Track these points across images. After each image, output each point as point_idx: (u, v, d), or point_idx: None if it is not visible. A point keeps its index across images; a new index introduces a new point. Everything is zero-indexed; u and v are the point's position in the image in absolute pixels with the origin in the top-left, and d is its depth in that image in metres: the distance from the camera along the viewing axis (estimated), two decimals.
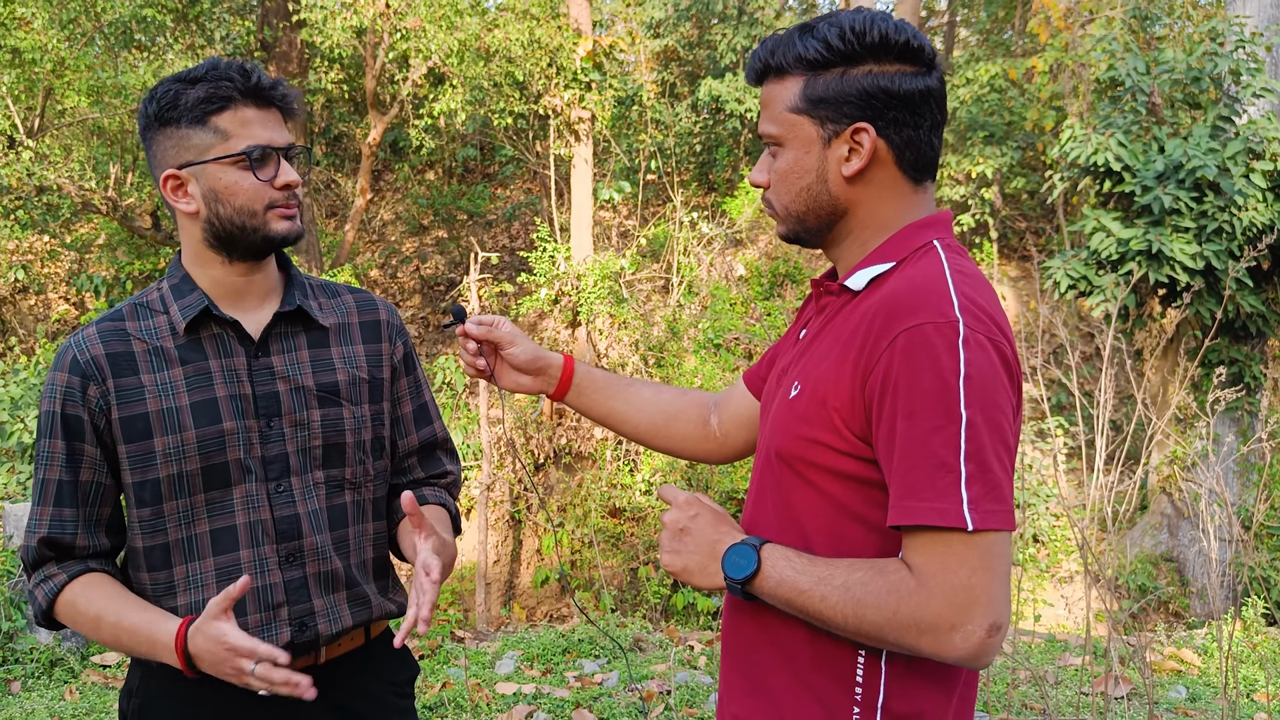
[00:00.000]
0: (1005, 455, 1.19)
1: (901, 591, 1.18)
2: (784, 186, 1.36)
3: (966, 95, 13.28)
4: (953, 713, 1.32)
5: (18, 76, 8.79)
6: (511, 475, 10.34)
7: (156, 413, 1.55)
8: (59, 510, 1.56)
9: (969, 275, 1.27)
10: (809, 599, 1.23)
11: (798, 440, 1.30)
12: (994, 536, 1.17)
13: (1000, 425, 1.19)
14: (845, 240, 1.37)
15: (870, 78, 1.29)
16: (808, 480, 1.30)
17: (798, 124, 1.32)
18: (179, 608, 1.56)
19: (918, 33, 1.32)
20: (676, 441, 1.72)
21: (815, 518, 1.30)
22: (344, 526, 1.66)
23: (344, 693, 1.66)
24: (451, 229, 14.95)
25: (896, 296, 1.24)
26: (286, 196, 1.56)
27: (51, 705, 4.14)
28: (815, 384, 1.29)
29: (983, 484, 1.16)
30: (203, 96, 1.51)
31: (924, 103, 1.31)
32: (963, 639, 1.15)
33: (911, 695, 1.28)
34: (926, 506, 1.16)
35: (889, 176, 1.33)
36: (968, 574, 1.15)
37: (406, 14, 9.23)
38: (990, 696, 4.00)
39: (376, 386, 1.71)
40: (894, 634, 1.18)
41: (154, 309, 1.61)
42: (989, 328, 1.21)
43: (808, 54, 1.30)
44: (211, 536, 1.57)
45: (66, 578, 1.56)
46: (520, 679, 4.38)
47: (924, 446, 1.17)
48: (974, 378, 1.17)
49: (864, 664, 1.28)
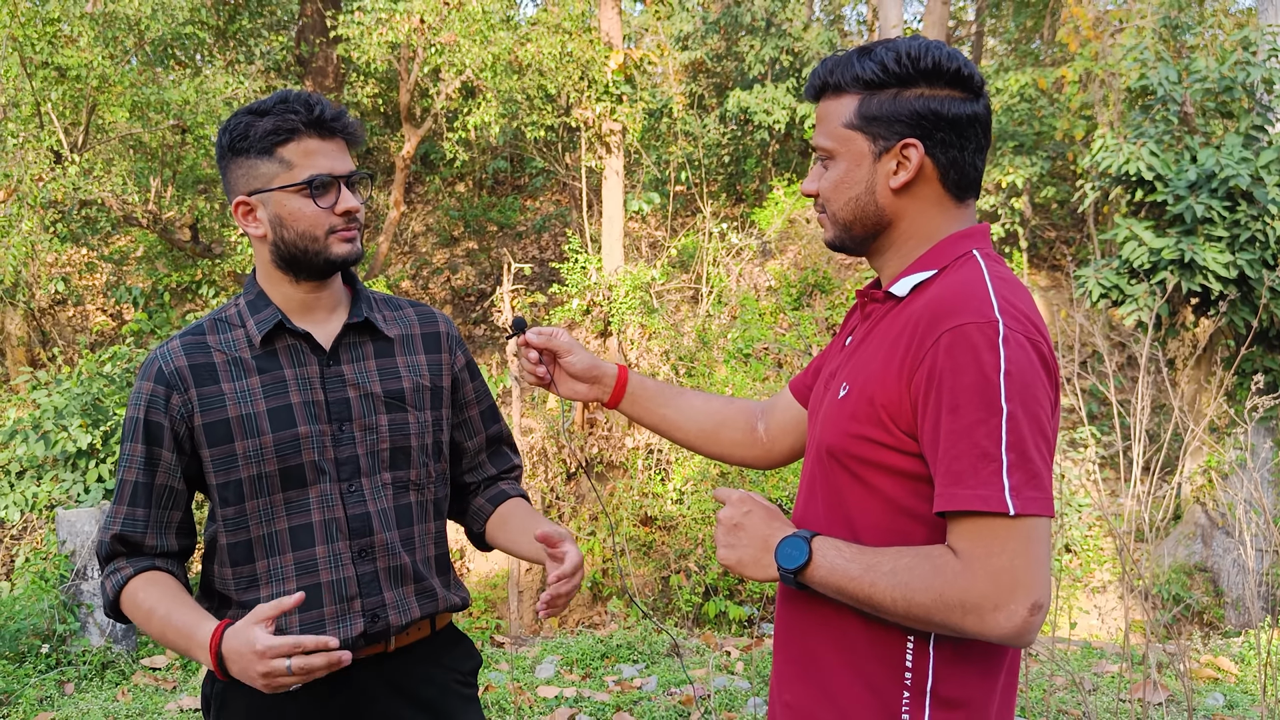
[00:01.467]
0: (1044, 446, 1.26)
1: (947, 574, 1.25)
2: (835, 196, 1.44)
3: (996, 105, 13.30)
4: (998, 699, 1.39)
5: (63, 93, 8.99)
6: (544, 484, 10.43)
7: (236, 418, 1.66)
8: (133, 510, 1.67)
9: (1008, 281, 1.35)
10: (859, 585, 1.30)
11: (848, 437, 1.37)
12: (1034, 522, 1.24)
13: (1039, 418, 1.26)
14: (889, 250, 1.46)
15: (922, 100, 1.38)
16: (857, 476, 1.37)
17: (851, 139, 1.41)
18: (261, 599, 1.67)
19: (969, 62, 1.40)
20: (726, 447, 1.80)
21: (864, 512, 1.37)
22: (410, 525, 1.75)
23: (411, 680, 1.75)
24: (482, 240, 15.09)
25: (940, 299, 1.32)
26: (346, 221, 1.67)
27: (105, 706, 4.25)
28: (864, 383, 1.37)
29: (1023, 472, 1.23)
30: (270, 129, 1.62)
31: (970, 126, 1.40)
32: (1006, 618, 1.22)
33: (958, 681, 1.34)
34: (970, 493, 1.24)
35: (933, 192, 1.42)
36: (1010, 557, 1.22)
37: (441, 29, 9.37)
38: (1028, 702, 4.03)
39: (438, 394, 1.81)
40: (941, 615, 1.25)
41: (232, 323, 1.72)
42: (1028, 328, 1.29)
43: (865, 74, 1.39)
44: (290, 533, 1.68)
45: (133, 572, 1.67)
46: (560, 683, 4.45)
47: (967, 438, 1.24)
48: (1014, 374, 1.24)
49: (913, 650, 1.34)
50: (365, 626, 1.69)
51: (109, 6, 8.87)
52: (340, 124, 1.67)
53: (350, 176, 1.68)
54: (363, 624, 1.69)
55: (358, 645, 1.69)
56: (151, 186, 10.17)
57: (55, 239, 9.67)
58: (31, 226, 8.60)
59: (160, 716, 4.16)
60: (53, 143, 9.11)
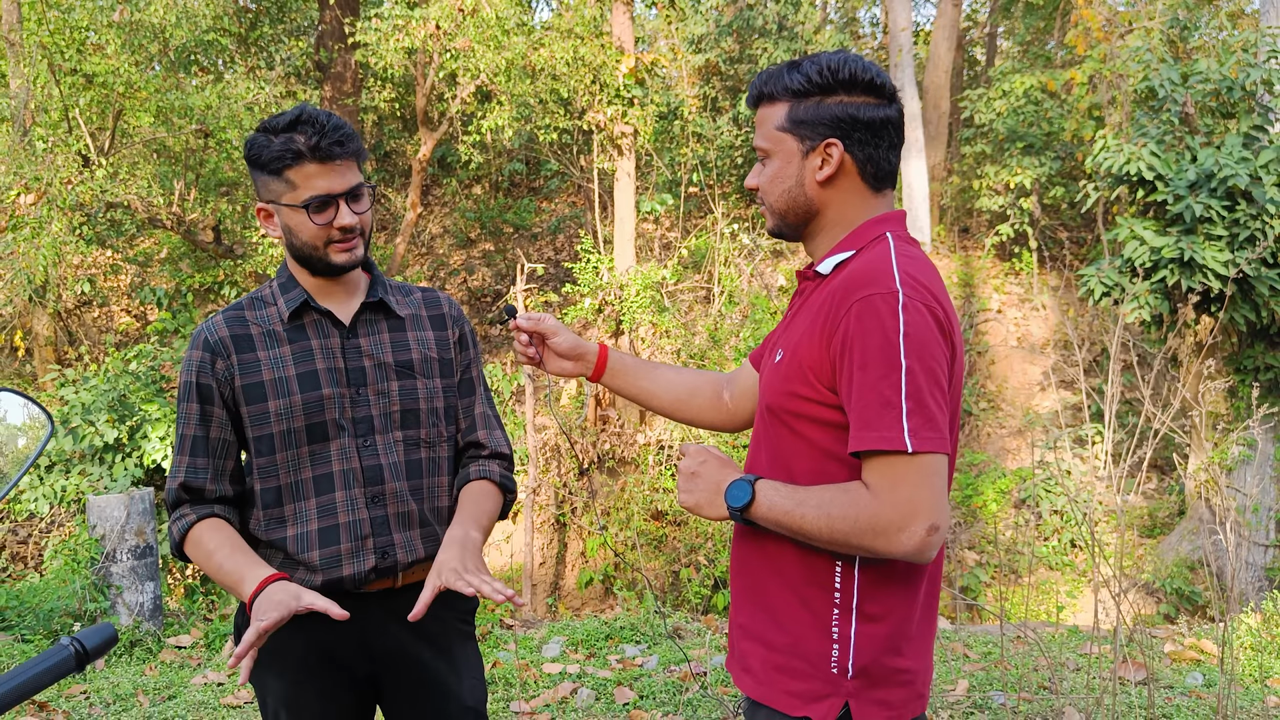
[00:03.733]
0: (939, 395, 1.48)
1: (861, 504, 1.47)
2: (771, 189, 1.67)
3: (1003, 107, 13.41)
4: (918, 612, 1.61)
5: (91, 99, 9.27)
6: (556, 479, 10.63)
7: (270, 381, 1.90)
8: (194, 460, 1.91)
9: (914, 258, 1.57)
10: (792, 517, 1.53)
11: (783, 395, 1.61)
12: (931, 458, 1.46)
13: (934, 371, 1.48)
14: (818, 235, 1.68)
15: (841, 106, 1.60)
16: (791, 428, 1.60)
17: (783, 140, 1.64)
18: (287, 538, 1.91)
19: (881, 72, 1.63)
20: (696, 413, 2.02)
21: (798, 458, 1.60)
22: (419, 477, 1.99)
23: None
24: (498, 242, 15.33)
25: (853, 275, 1.55)
26: (344, 234, 1.89)
27: (134, 679, 4.48)
28: (794, 349, 1.60)
29: (920, 416, 1.45)
30: (276, 154, 1.84)
31: (883, 127, 1.62)
32: (908, 538, 1.44)
33: (880, 598, 1.57)
34: (876, 435, 1.45)
35: (853, 184, 1.64)
36: (910, 488, 1.44)
37: (456, 35, 9.60)
38: (1010, 678, 4.21)
39: (445, 364, 2.05)
40: (856, 538, 1.47)
41: (266, 301, 1.98)
42: (926, 296, 1.50)
43: (793, 85, 1.62)
44: (314, 481, 1.92)
45: (196, 518, 1.90)
46: (565, 661, 4.65)
47: (874, 390, 1.46)
48: (912, 335, 1.46)
49: (841, 574, 1.57)
50: (376, 562, 1.92)
51: (135, 15, 9.15)
52: (340, 148, 1.86)
53: (353, 191, 1.88)
54: (374, 560, 1.92)
55: (369, 578, 1.92)
56: (175, 189, 10.45)
57: (82, 241, 9.96)
58: (61, 228, 8.87)
59: (185, 689, 4.39)
60: (80, 147, 9.40)
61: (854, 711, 1.56)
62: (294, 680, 1.93)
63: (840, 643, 1.56)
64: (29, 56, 9.52)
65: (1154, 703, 3.99)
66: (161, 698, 4.30)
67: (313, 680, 1.94)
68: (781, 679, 1.60)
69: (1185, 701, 4.07)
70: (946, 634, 5.18)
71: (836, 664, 1.56)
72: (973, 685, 4.21)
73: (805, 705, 1.57)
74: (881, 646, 1.56)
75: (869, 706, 1.57)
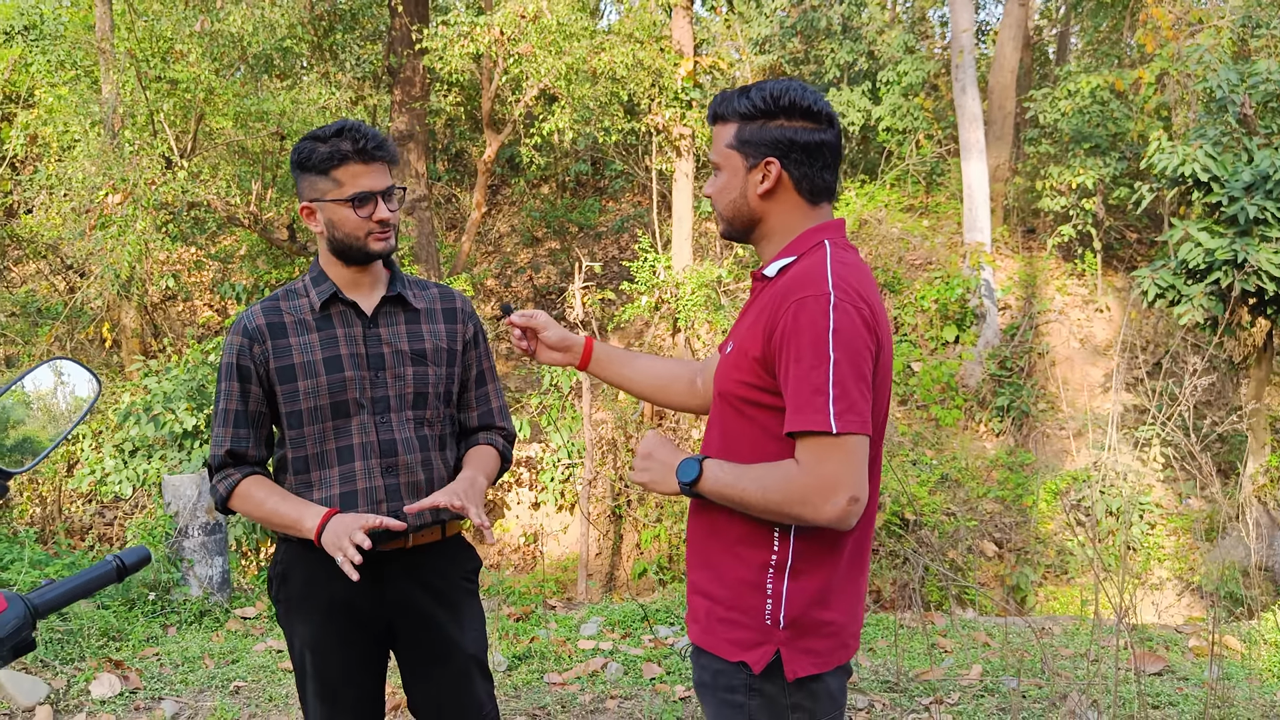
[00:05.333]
0: (863, 385, 1.69)
1: (791, 477, 1.69)
2: (720, 198, 1.90)
3: (1068, 107, 13.31)
4: (842, 572, 1.82)
5: (175, 104, 9.78)
6: (612, 472, 10.90)
7: (300, 364, 2.19)
8: (238, 430, 2.21)
9: (847, 264, 1.78)
10: (734, 490, 1.75)
11: (731, 382, 1.83)
12: (853, 438, 1.66)
13: (859, 364, 1.68)
14: (763, 241, 1.90)
15: (780, 129, 1.82)
16: (739, 411, 1.83)
17: (731, 156, 1.86)
18: (314, 500, 2.19)
19: (820, 100, 1.83)
20: (672, 397, 2.25)
21: (743, 438, 1.82)
22: (427, 451, 2.26)
23: (425, 572, 2.26)
24: (563, 240, 15.66)
25: (792, 278, 1.77)
26: (381, 227, 2.19)
27: (202, 645, 4.85)
28: (741, 342, 1.83)
29: (844, 402, 1.66)
30: (325, 155, 2.15)
31: (819, 149, 1.83)
32: (831, 507, 1.65)
33: (809, 558, 1.78)
34: (806, 417, 1.67)
35: (790, 198, 1.85)
36: (834, 464, 1.66)
37: (520, 40, 9.91)
38: (1024, 666, 4.35)
39: (452, 355, 2.32)
40: (787, 507, 1.69)
41: (299, 294, 2.27)
42: (855, 299, 1.71)
43: (740, 109, 1.84)
44: (337, 452, 2.20)
45: (240, 476, 2.21)
46: (601, 639, 4.91)
47: (806, 379, 1.67)
48: (840, 332, 1.67)
49: (778, 540, 1.78)
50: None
51: (216, 25, 9.64)
52: (380, 153, 2.17)
53: (388, 191, 2.19)
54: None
55: (384, 539, 2.18)
56: (253, 190, 10.94)
57: (166, 239, 10.50)
58: (145, 226, 9.39)
59: (248, 654, 4.74)
60: (164, 149, 9.92)
61: (784, 658, 1.78)
62: (319, 627, 2.22)
63: (773, 598, 1.78)
64: (119, 64, 10.09)
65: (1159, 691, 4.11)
66: (225, 661, 4.65)
67: (335, 627, 2.21)
68: (722, 629, 1.83)
69: (1196, 691, 4.18)
70: (971, 623, 5.32)
71: (770, 616, 1.78)
72: (986, 670, 4.36)
73: (742, 652, 1.79)
74: (809, 601, 1.78)
75: (798, 655, 1.78)
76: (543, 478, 11.06)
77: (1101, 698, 3.88)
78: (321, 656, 2.23)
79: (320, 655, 2.23)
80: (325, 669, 2.23)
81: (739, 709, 1.81)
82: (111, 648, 4.76)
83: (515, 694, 4.23)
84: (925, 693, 4.12)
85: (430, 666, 2.27)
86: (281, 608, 2.27)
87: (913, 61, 15.11)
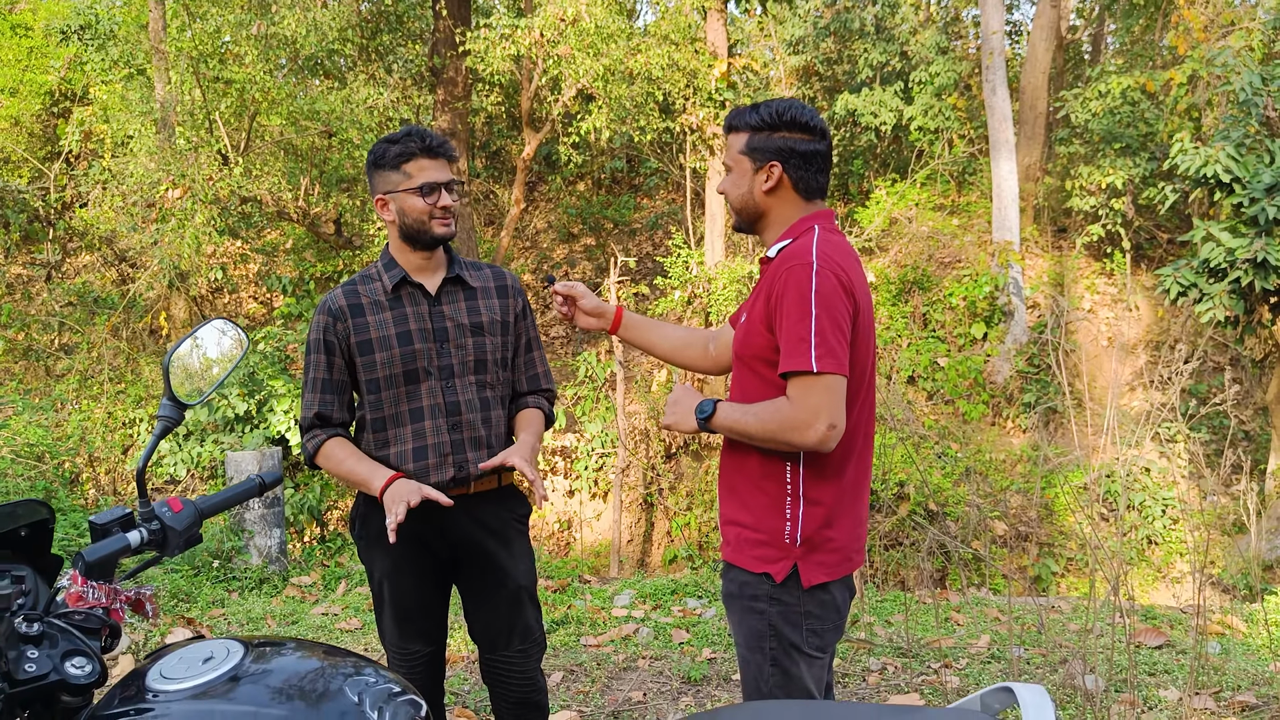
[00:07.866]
0: (840, 335, 2.05)
1: (783, 410, 2.07)
2: (732, 195, 2.29)
3: (1099, 108, 13.47)
4: (846, 497, 2.19)
5: (230, 103, 10.22)
6: (644, 461, 11.22)
7: (376, 338, 2.55)
8: (324, 396, 2.57)
9: (831, 243, 2.15)
10: (740, 423, 2.14)
11: (745, 345, 2.22)
12: (830, 377, 2.03)
13: (836, 319, 2.05)
14: (767, 230, 2.29)
15: (783, 139, 2.21)
16: (751, 367, 2.21)
17: (741, 160, 2.25)
18: (390, 454, 2.55)
19: (816, 116, 2.21)
20: (688, 359, 2.65)
21: (754, 386, 2.21)
22: (487, 410, 2.62)
23: (485, 514, 2.63)
24: (599, 237, 16.01)
25: (787, 255, 2.15)
26: (444, 213, 2.56)
27: (264, 607, 5.23)
28: (753, 310, 2.21)
29: (824, 348, 2.02)
30: (397, 153, 2.53)
31: (814, 157, 2.22)
32: (814, 433, 2.03)
33: (817, 487, 2.15)
34: (793, 360, 2.04)
35: (789, 195, 2.24)
36: (815, 397, 2.03)
37: (559, 42, 10.25)
38: (1029, 637, 4.63)
39: (506, 326, 2.69)
40: (780, 434, 2.06)
41: (373, 278, 2.63)
42: (834, 266, 2.08)
43: (751, 121, 2.23)
44: (410, 413, 2.57)
45: (326, 437, 2.58)
46: (633, 609, 5.24)
47: (793, 330, 2.05)
48: (821, 292, 2.04)
49: (790, 471, 2.15)
50: (454, 473, 2.56)
51: (270, 28, 10.06)
52: (442, 150, 2.56)
53: (449, 183, 2.56)
54: (453, 471, 2.56)
55: (450, 486, 2.54)
56: (301, 185, 11.37)
57: (215, 232, 10.95)
58: (203, 220, 9.83)
59: (306, 617, 5.12)
60: (220, 146, 10.36)
61: (800, 570, 2.16)
62: (395, 559, 2.59)
63: (791, 520, 2.15)
64: (176, 65, 10.54)
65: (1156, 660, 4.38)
66: (286, 622, 5.03)
67: (407, 559, 2.58)
68: (749, 548, 2.20)
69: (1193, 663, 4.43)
70: (984, 600, 5.59)
71: (789, 535, 2.16)
72: (994, 640, 4.64)
73: (767, 565, 2.17)
74: (820, 522, 2.15)
75: (811, 567, 2.16)
76: (577, 466, 11.41)
77: (1099, 666, 4.15)
78: (396, 584, 2.60)
79: (395, 583, 2.61)
80: (399, 594, 2.61)
81: (761, 615, 2.18)
82: (183, 608, 5.16)
83: (554, 653, 4.57)
84: (935, 658, 4.42)
85: (488, 593, 2.63)
86: (362, 544, 2.64)
87: (945, 62, 15.32)
